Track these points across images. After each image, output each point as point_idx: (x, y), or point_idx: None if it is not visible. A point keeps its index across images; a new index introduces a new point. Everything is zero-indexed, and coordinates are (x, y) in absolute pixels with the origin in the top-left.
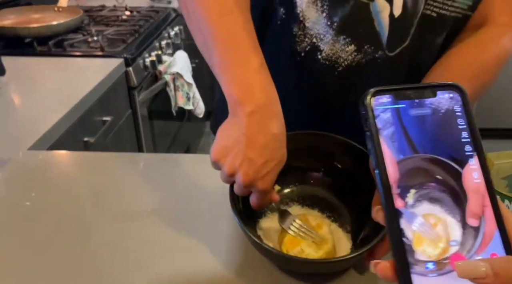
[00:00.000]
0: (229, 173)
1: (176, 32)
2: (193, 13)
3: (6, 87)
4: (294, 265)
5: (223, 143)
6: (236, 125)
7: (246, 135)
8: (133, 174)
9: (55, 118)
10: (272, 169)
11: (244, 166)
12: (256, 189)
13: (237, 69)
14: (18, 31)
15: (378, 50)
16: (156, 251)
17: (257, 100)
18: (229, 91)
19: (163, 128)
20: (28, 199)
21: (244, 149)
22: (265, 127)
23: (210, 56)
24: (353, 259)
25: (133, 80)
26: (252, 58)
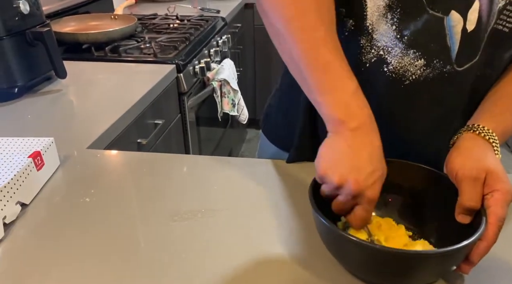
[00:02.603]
0: (338, 183)
1: (224, 41)
2: (284, 42)
3: (67, 89)
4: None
5: (330, 156)
6: (340, 140)
7: (352, 147)
8: (186, 175)
9: (112, 119)
10: (378, 178)
11: (354, 174)
12: (364, 199)
13: (336, 94)
14: (77, 37)
15: (447, 64)
16: (210, 251)
17: (358, 118)
18: (330, 113)
19: (208, 133)
20: (87, 195)
21: (352, 159)
22: (368, 140)
23: (306, 83)
24: (464, 249)
25: (183, 86)
26: (348, 84)
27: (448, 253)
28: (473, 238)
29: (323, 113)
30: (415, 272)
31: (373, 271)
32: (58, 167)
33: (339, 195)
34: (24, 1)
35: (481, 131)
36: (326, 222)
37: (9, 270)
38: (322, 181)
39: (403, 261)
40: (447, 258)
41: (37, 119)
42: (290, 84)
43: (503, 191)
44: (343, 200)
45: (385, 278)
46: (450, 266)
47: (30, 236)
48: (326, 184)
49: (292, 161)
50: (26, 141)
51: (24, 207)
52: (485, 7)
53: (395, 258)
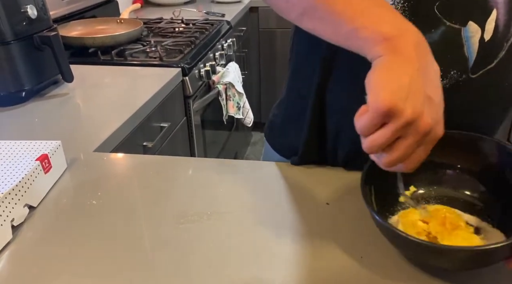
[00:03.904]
0: (412, 118)
1: (229, 44)
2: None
3: (73, 93)
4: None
5: (395, 84)
6: (404, 61)
7: (421, 69)
8: (191, 178)
9: (118, 122)
10: (442, 111)
11: (427, 106)
12: (431, 137)
13: (374, 9)
14: (84, 41)
15: (463, 74)
16: (216, 253)
17: (415, 31)
18: (376, 31)
19: (213, 136)
20: (94, 198)
21: (423, 86)
22: (432, 59)
23: (331, 20)
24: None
25: (189, 89)
26: (383, 1)
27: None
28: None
29: (365, 37)
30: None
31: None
32: (65, 170)
33: (403, 137)
34: (31, 5)
35: None
36: (392, 227)
37: (17, 272)
38: (386, 120)
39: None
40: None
41: (44, 123)
42: (299, 93)
43: None
44: (412, 142)
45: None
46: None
47: (38, 238)
48: (388, 125)
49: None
50: (33, 144)
51: (32, 209)
52: (502, 16)
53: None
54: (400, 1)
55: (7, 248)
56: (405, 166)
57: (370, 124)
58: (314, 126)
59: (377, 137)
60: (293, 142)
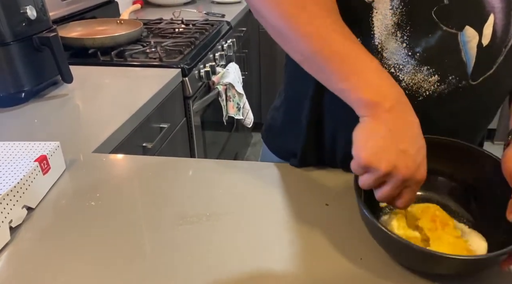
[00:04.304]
0: (386, 171)
1: (229, 45)
2: (289, 41)
3: (73, 93)
4: (441, 264)
5: (371, 143)
6: (379, 124)
7: (392, 130)
8: (191, 179)
9: (117, 123)
10: (424, 156)
11: (401, 159)
12: (413, 182)
13: (361, 75)
14: (83, 42)
15: (462, 80)
16: (215, 254)
17: (391, 96)
18: (360, 96)
19: (213, 137)
20: (93, 199)
21: (396, 144)
22: (406, 118)
23: (324, 74)
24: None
25: (189, 90)
26: (370, 63)
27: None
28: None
29: (351, 99)
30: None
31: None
32: (64, 171)
33: (385, 184)
34: (31, 6)
35: None
36: (384, 227)
37: (15, 274)
38: (366, 171)
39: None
40: (490, 262)
41: (43, 124)
42: (296, 97)
43: None
44: (392, 188)
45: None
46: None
47: (36, 239)
48: (369, 174)
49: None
50: (32, 145)
51: (30, 211)
52: (500, 21)
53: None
54: (398, 6)
55: (5, 250)
56: (397, 204)
57: (356, 170)
58: (312, 129)
59: (364, 180)
60: (292, 145)
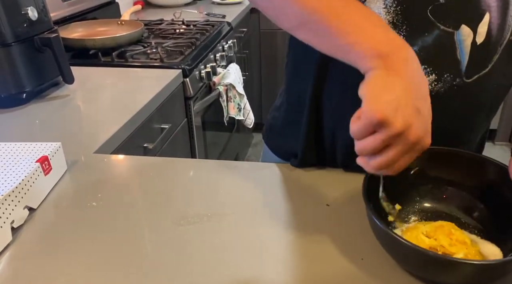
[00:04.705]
0: (402, 129)
1: (229, 45)
2: (286, 6)
3: (74, 94)
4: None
5: (386, 98)
6: (394, 76)
7: (409, 83)
8: (192, 179)
9: (118, 124)
10: (430, 123)
11: (416, 119)
12: (419, 147)
13: (368, 26)
14: (84, 43)
15: (457, 77)
16: (216, 255)
17: (406, 48)
18: (369, 47)
19: (214, 138)
20: (94, 199)
21: (413, 100)
22: (420, 73)
23: (325, 35)
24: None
25: (190, 91)
26: (374, 17)
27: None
28: None
29: (358, 52)
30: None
31: (429, 273)
32: (66, 172)
33: (390, 147)
34: (32, 7)
35: None
36: (393, 233)
37: (17, 274)
38: (375, 129)
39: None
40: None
41: (45, 124)
42: (297, 97)
43: None
44: (399, 151)
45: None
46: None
47: (38, 240)
48: (379, 133)
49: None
50: (33, 146)
51: (32, 211)
52: (495, 19)
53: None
54: (393, 5)
55: (7, 250)
56: (390, 170)
57: (362, 130)
58: (312, 129)
59: (368, 143)
60: (292, 145)
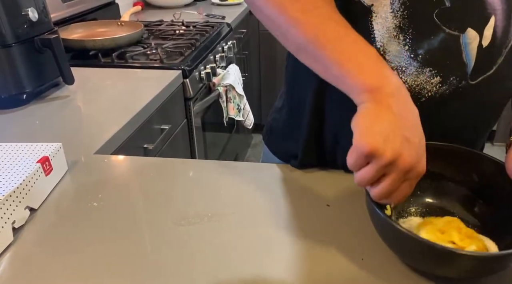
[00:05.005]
0: (392, 159)
1: (229, 46)
2: (286, 31)
3: (74, 95)
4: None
5: (375, 130)
6: (382, 109)
7: (397, 115)
8: (192, 180)
9: (119, 125)
10: (424, 149)
11: (406, 147)
12: (414, 174)
13: (360, 59)
14: (84, 43)
15: (462, 80)
16: (217, 255)
17: (393, 81)
18: (361, 80)
19: (214, 138)
20: (95, 200)
21: (401, 130)
22: (408, 105)
23: (321, 63)
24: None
25: (189, 91)
26: (368, 49)
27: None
28: None
29: (350, 84)
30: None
31: (428, 265)
32: (66, 172)
33: (385, 176)
34: (32, 8)
35: None
36: (398, 226)
37: (18, 274)
38: (367, 161)
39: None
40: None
41: (45, 125)
42: (297, 98)
43: None
44: (394, 180)
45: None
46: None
47: (39, 240)
48: (371, 164)
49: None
50: (34, 147)
51: (33, 212)
52: (500, 22)
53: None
54: (399, 9)
55: (8, 250)
56: (392, 199)
57: (356, 162)
58: (313, 131)
59: (363, 174)
60: (292, 146)
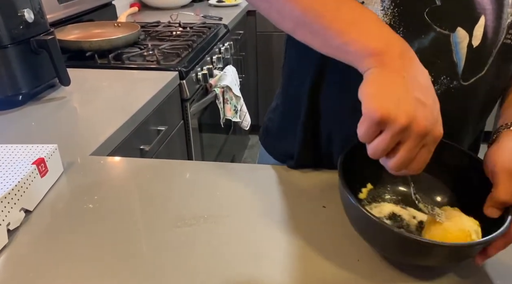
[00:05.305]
0: (406, 124)
1: (226, 47)
2: (282, 7)
3: (70, 96)
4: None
5: (386, 94)
6: (390, 72)
7: (407, 78)
8: (189, 181)
9: (115, 126)
10: (439, 110)
11: (420, 110)
12: (431, 138)
13: (362, 24)
14: (81, 44)
15: (453, 80)
16: (213, 257)
17: (399, 43)
18: (363, 46)
19: (210, 140)
20: (91, 202)
21: (412, 92)
22: (418, 66)
23: (320, 34)
24: (481, 245)
25: (186, 93)
26: (368, 13)
27: (466, 246)
28: (492, 235)
29: (353, 51)
30: (432, 258)
31: (400, 254)
32: (62, 174)
33: (401, 145)
34: (28, 9)
35: None
36: (369, 213)
37: (13, 277)
38: (381, 127)
39: (423, 248)
40: (465, 250)
41: (41, 126)
42: (293, 99)
43: None
44: (411, 147)
45: (411, 259)
46: (465, 257)
47: (34, 242)
48: (385, 132)
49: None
50: (30, 148)
51: (28, 213)
52: (490, 22)
53: (416, 245)
54: (390, 7)
55: (3, 252)
56: (411, 168)
57: (368, 132)
58: (308, 130)
59: (377, 143)
60: (289, 147)
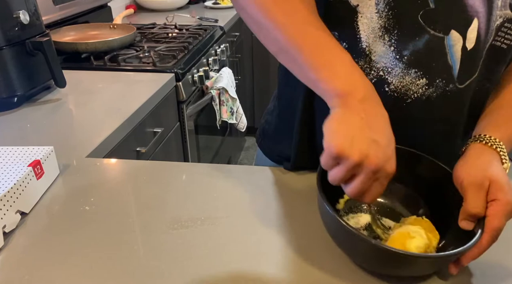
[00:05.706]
0: (359, 160)
1: (222, 49)
2: (268, 32)
3: (66, 98)
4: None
5: (344, 132)
6: (351, 113)
7: (364, 119)
8: (185, 183)
9: (111, 128)
10: (393, 150)
11: (373, 149)
12: (383, 174)
13: (334, 66)
14: (76, 46)
15: (449, 83)
16: (210, 258)
17: (363, 88)
18: (333, 86)
19: (207, 142)
20: (87, 204)
21: (368, 133)
22: (377, 109)
23: (299, 66)
24: (455, 256)
25: (182, 94)
26: (344, 55)
27: (440, 257)
28: (465, 246)
29: (323, 89)
30: (408, 268)
31: (376, 265)
32: (58, 176)
33: (356, 176)
34: (24, 11)
35: (488, 141)
36: (347, 225)
37: (9, 279)
38: (337, 162)
39: (399, 260)
40: (439, 260)
41: (37, 128)
42: (289, 100)
43: (503, 202)
44: (363, 180)
45: (387, 270)
46: (440, 267)
47: (30, 244)
48: (340, 165)
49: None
50: (25, 150)
51: (24, 216)
52: (483, 25)
53: (393, 256)
54: (384, 9)
55: None
56: (365, 198)
57: (327, 163)
58: (305, 132)
59: (335, 174)
60: (285, 149)
